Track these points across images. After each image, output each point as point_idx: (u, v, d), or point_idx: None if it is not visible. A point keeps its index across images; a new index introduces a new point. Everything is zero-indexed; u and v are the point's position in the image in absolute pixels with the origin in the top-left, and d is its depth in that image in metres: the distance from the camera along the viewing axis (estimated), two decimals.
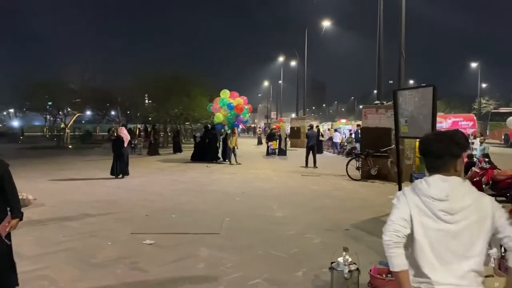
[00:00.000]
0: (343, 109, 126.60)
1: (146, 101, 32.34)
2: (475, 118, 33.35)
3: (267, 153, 21.34)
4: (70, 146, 27.29)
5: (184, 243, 5.69)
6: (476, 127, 30.17)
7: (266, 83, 74.56)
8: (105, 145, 23.15)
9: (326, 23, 32.86)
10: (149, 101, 32.41)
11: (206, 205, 8.30)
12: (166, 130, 31.92)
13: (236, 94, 17.07)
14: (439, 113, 33.80)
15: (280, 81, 57.79)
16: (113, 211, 7.69)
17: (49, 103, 30.55)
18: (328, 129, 29.11)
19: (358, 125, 20.15)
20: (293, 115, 43.11)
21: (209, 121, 24.13)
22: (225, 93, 16.87)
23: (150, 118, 32.42)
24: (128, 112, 33.11)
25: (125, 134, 12.45)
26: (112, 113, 33.42)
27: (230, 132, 16.60)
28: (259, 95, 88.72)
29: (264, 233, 6.24)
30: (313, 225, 6.74)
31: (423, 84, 11.07)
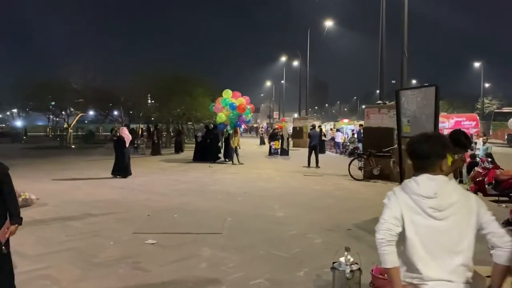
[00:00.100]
0: (345, 109, 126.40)
1: (148, 101, 32.38)
2: (478, 118, 33.28)
3: (269, 153, 21.34)
4: (73, 146, 27.34)
5: (186, 243, 5.70)
6: (479, 127, 30.12)
7: (268, 83, 74.55)
8: (108, 145, 23.18)
9: (328, 23, 32.85)
10: (152, 101, 32.44)
11: (208, 205, 8.31)
12: (168, 130, 31.94)
13: (238, 94, 17.05)
14: (442, 113, 33.79)
15: (282, 81, 57.78)
16: (115, 211, 7.71)
17: (52, 103, 30.66)
18: (331, 129, 29.07)
19: (361, 125, 20.12)
20: (295, 115, 43.04)
21: (212, 121, 24.13)
22: (228, 93, 16.85)
23: (152, 118, 32.48)
24: (131, 112, 33.16)
25: (126, 134, 12.46)
26: (115, 113, 33.45)
27: (232, 132, 16.63)
28: (261, 95, 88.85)
29: (266, 233, 6.24)
30: (315, 225, 6.74)
31: (425, 84, 11.04)
